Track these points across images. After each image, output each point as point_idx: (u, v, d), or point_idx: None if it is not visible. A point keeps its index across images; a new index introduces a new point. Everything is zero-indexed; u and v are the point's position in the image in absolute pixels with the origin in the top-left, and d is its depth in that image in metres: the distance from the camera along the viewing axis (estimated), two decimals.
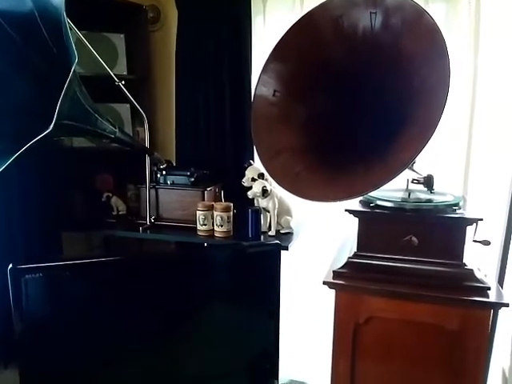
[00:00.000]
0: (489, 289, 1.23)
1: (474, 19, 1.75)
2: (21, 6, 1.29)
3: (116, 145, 1.77)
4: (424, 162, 1.39)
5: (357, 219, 1.35)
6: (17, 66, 1.39)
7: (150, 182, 1.93)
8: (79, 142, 2.10)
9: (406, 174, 1.35)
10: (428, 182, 1.37)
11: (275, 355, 1.31)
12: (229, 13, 2.06)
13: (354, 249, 1.38)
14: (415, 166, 1.38)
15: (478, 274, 1.26)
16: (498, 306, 1.23)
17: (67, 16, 1.22)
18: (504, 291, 1.31)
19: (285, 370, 1.45)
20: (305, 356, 2.10)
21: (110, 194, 2.09)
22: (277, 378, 1.32)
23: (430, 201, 1.32)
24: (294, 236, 1.84)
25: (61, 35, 1.22)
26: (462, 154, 1.84)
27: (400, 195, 1.37)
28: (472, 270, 1.25)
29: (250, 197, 1.77)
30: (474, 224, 1.24)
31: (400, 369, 1.33)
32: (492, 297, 1.22)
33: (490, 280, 1.28)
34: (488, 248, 1.27)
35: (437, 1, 1.83)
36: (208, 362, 1.23)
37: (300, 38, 1.34)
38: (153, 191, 1.96)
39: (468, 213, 1.27)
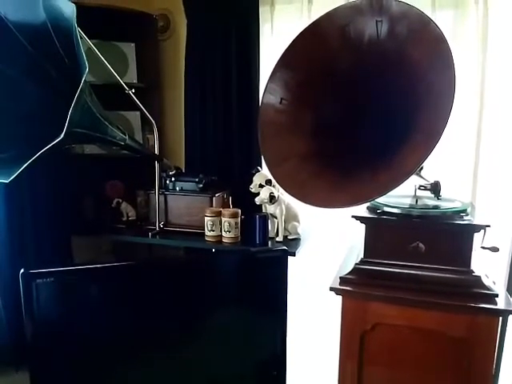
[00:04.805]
0: (497, 296, 1.22)
1: (481, 25, 1.76)
2: (35, 18, 1.33)
3: (126, 152, 1.80)
4: (432, 168, 1.39)
5: (364, 225, 1.35)
6: (30, 75, 1.42)
7: (160, 188, 1.95)
8: (90, 148, 2.13)
9: (414, 180, 1.35)
10: (435, 188, 1.37)
11: (282, 361, 1.31)
12: (237, 21, 2.09)
13: (361, 255, 1.38)
14: (423, 172, 1.38)
15: (486, 281, 1.25)
16: (506, 313, 1.22)
17: (78, 25, 1.25)
18: None
19: (292, 377, 1.45)
20: (312, 362, 2.09)
21: (120, 200, 2.12)
22: None
23: (437, 207, 1.32)
24: (302, 242, 1.84)
25: (72, 46, 1.25)
26: (470, 160, 1.84)
27: (407, 201, 1.37)
28: (480, 276, 1.25)
29: (258, 203, 1.78)
30: (482, 230, 1.24)
31: (407, 376, 1.32)
32: (500, 304, 1.21)
33: (499, 287, 1.27)
34: (496, 255, 1.27)
35: (444, 7, 1.83)
36: (215, 367, 1.23)
37: (307, 47, 1.36)
38: (162, 197, 1.98)
39: (476, 219, 1.27)
